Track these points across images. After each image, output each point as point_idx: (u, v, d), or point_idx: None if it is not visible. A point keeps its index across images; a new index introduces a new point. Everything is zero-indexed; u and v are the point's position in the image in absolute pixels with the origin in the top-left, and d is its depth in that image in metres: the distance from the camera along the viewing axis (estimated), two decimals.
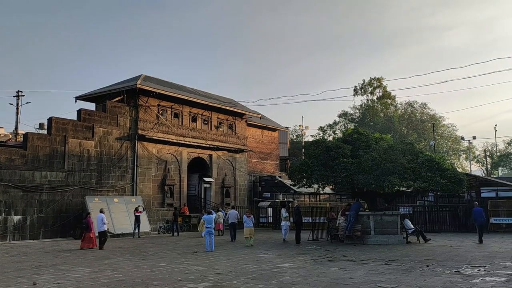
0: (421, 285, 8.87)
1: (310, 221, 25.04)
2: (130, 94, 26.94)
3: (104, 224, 17.64)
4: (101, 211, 18.39)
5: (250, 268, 11.55)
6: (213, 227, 16.83)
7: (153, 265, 12.27)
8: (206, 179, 31.53)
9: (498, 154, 59.44)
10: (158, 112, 28.39)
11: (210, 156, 32.02)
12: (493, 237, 20.08)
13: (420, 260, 12.67)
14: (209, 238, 16.10)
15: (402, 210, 23.76)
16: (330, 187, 25.17)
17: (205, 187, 31.84)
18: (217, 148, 32.08)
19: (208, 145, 31.18)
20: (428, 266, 11.57)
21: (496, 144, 60.14)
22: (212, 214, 17.40)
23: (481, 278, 9.73)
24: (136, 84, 26.35)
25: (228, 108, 32.68)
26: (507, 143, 58.30)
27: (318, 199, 36.23)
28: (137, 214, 23.11)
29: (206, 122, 32.02)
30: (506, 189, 27.59)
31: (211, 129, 32.23)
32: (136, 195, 26.19)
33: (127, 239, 21.84)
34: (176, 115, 29.77)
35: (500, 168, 64.36)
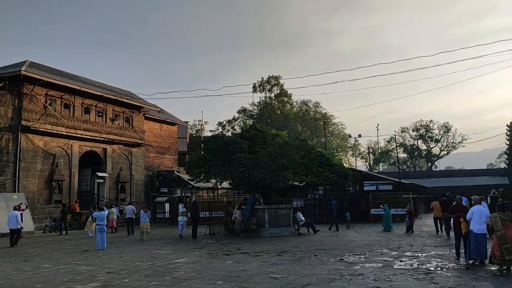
0: (309, 274, 9.46)
1: (208, 215, 25.20)
2: (13, 82, 24.52)
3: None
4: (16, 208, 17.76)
5: (144, 265, 11.30)
6: (105, 224, 16.11)
7: (36, 267, 11.38)
8: (100, 174, 29.99)
9: (379, 151, 65.29)
10: (46, 102, 26.25)
11: (105, 150, 30.50)
12: (372, 227, 22.01)
13: (309, 250, 13.48)
14: (101, 236, 15.39)
15: (295, 203, 24.96)
16: (228, 182, 25.55)
17: (99, 183, 30.26)
18: (112, 142, 30.65)
19: (102, 139, 29.65)
20: (316, 255, 12.36)
21: (378, 142, 66.00)
22: (104, 211, 16.63)
23: (361, 264, 10.66)
24: (20, 71, 24.06)
25: (125, 100, 31.37)
26: (387, 141, 64.26)
27: (216, 194, 36.52)
28: (19, 212, 21.18)
29: (100, 114, 30.39)
30: (385, 183, 30.49)
31: (106, 121, 30.69)
32: (18, 192, 23.98)
33: (7, 240, 19.94)
34: (66, 106, 27.79)
35: (381, 164, 70.84)
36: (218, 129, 60.68)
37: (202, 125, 54.96)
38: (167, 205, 31.72)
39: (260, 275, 9.35)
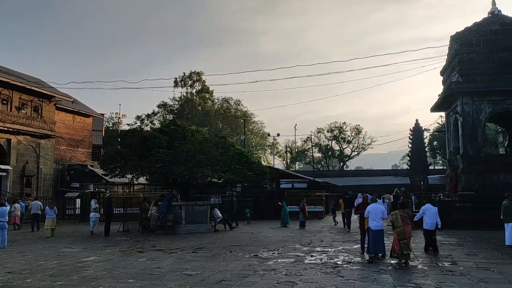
0: (223, 270, 9.57)
1: (122, 212, 24.34)
2: None
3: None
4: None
5: (50, 264, 10.65)
6: (7, 220, 14.91)
7: None
8: (2, 166, 27.65)
9: (296, 150, 67.54)
10: None
11: (9, 140, 28.17)
12: (273, 223, 22.50)
13: (224, 247, 13.61)
14: (1, 233, 14.24)
15: (213, 200, 25.01)
16: (145, 177, 24.90)
17: (1, 176, 27.89)
18: (18, 132, 28.40)
19: (6, 128, 27.35)
20: (231, 251, 12.52)
21: (295, 141, 68.15)
22: (5, 206, 15.39)
23: (275, 260, 11.00)
24: None
25: (33, 88, 29.20)
26: (304, 141, 66.65)
27: (132, 190, 35.39)
28: None
29: (5, 102, 28.02)
30: (300, 181, 31.66)
31: (11, 110, 28.35)
32: None
33: None
34: None
35: (297, 163, 73.34)
36: (136, 123, 58.70)
37: (119, 118, 52.83)
38: (78, 201, 30.12)
39: (174, 272, 9.27)
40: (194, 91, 60.79)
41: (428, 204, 12.44)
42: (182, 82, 59.93)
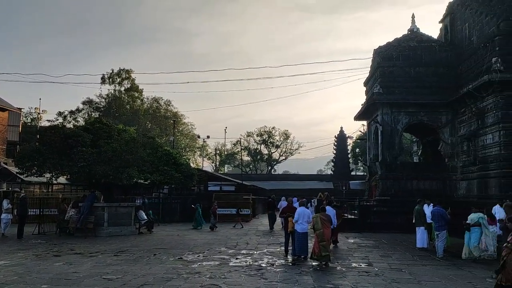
0: (146, 273, 9.35)
1: (38, 213, 22.84)
2: None
3: None
4: None
5: None
6: None
7: None
8: None
9: (226, 153, 67.72)
10: None
11: None
12: (185, 225, 22.39)
13: (148, 250, 13.29)
14: None
15: (138, 201, 24.31)
16: (66, 177, 23.61)
17: None
18: None
19: None
20: (155, 254, 12.26)
21: (225, 144, 68.34)
22: None
23: (199, 263, 10.95)
24: None
25: None
26: (234, 144, 67.02)
27: (51, 190, 33.34)
28: None
29: None
30: (229, 184, 31.79)
31: None
32: None
33: None
34: None
35: (226, 165, 73.51)
36: (58, 120, 55.39)
37: (39, 113, 49.63)
38: None
39: (92, 277, 8.90)
40: (122, 89, 58.75)
41: (328, 207, 13.29)
42: (110, 79, 57.68)
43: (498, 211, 12.92)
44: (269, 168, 69.39)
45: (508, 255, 6.50)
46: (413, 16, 24.63)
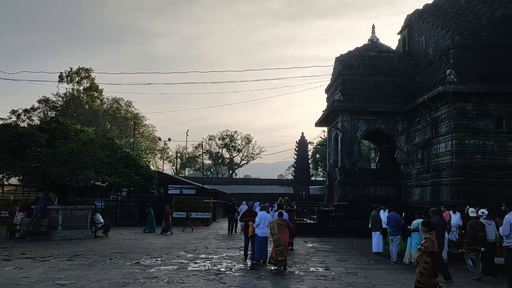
0: (101, 279, 9.10)
1: None
2: None
3: None
4: None
5: None
6: None
7: None
8: None
9: (187, 156, 67.08)
10: None
11: None
12: (136, 229, 22.10)
13: (104, 254, 12.94)
14: None
15: (96, 204, 23.65)
16: (18, 178, 22.66)
17: None
18: None
19: None
20: (111, 259, 11.96)
21: (186, 147, 67.69)
22: None
23: (157, 267, 10.77)
24: None
25: None
26: (195, 147, 66.48)
27: (1, 191, 31.87)
28: None
29: None
30: (189, 187, 31.49)
31: None
32: None
33: None
34: None
35: (187, 169, 72.80)
36: (11, 118, 53.12)
37: None
38: None
39: (44, 282, 8.57)
40: (81, 88, 57.04)
41: (281, 211, 13.55)
42: (69, 78, 55.87)
43: (452, 217, 13.50)
44: (230, 172, 69.30)
45: (420, 257, 6.98)
46: (373, 27, 25.41)
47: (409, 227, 12.43)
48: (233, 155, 66.87)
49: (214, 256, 13.01)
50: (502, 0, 19.69)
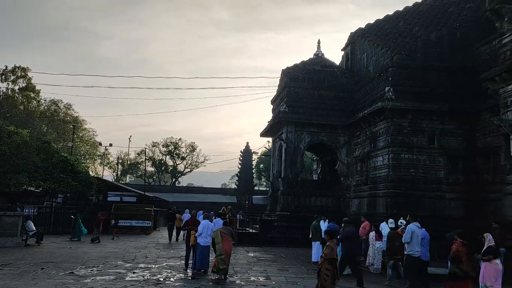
0: None
1: None
2: None
3: None
4: None
5: None
6: None
7: None
8: None
9: (129, 162, 65.22)
10: None
11: None
12: (109, 238, 21.54)
13: (36, 263, 12.26)
14: None
15: (27, 211, 22.34)
16: None
17: None
18: None
19: None
20: (43, 269, 11.35)
21: (128, 153, 65.87)
22: None
23: (93, 277, 10.36)
24: None
25: None
26: (138, 153, 64.83)
27: None
28: None
29: None
30: (130, 195, 30.63)
31: None
32: None
33: None
34: None
35: (128, 175, 70.74)
36: None
37: None
38: None
39: None
40: (16, 87, 53.98)
41: (218, 218, 13.86)
42: (3, 76, 52.71)
43: (384, 228, 14.09)
44: (173, 180, 68.23)
45: (321, 265, 7.44)
46: (319, 42, 26.28)
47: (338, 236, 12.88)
48: (177, 163, 65.89)
49: (154, 266, 12.72)
50: (437, 24, 21.06)
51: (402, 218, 14.57)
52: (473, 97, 17.69)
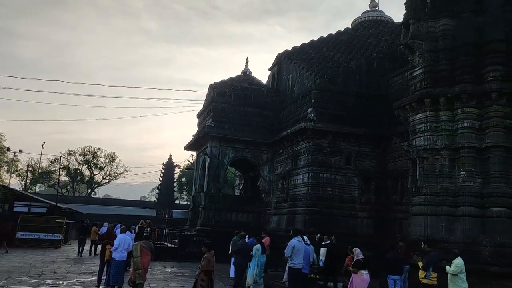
0: None
1: None
2: None
3: None
4: None
5: None
6: None
7: None
8: None
9: (40, 170, 60.93)
10: None
11: None
12: (16, 252, 20.01)
13: None
14: None
15: None
16: None
17: None
18: None
19: None
20: None
21: (40, 161, 61.55)
22: None
23: None
24: None
25: None
26: (51, 161, 60.91)
27: None
28: None
29: None
30: (40, 205, 28.60)
31: None
32: None
33: None
34: None
35: (38, 184, 66.06)
36: None
37: None
38: None
39: None
40: None
41: (128, 232, 13.44)
42: None
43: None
44: (89, 190, 64.90)
45: (198, 275, 7.84)
46: (247, 60, 26.78)
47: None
48: (94, 173, 62.85)
49: (63, 282, 11.97)
50: (357, 53, 22.50)
51: (319, 235, 15.24)
52: (387, 122, 19.05)
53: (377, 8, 28.86)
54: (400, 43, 15.92)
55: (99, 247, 16.00)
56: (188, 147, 27.05)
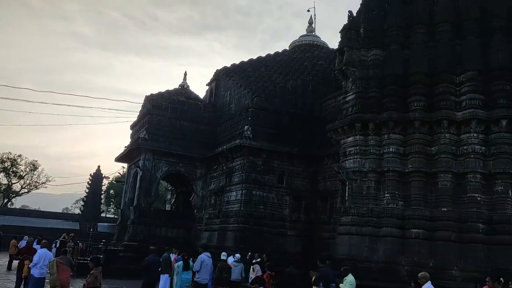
0: None
1: None
2: None
3: None
4: None
5: None
6: None
7: None
8: None
9: None
10: None
11: None
12: None
13: None
14: None
15: None
16: None
17: None
18: None
19: None
20: None
21: None
22: None
23: None
24: None
25: None
26: None
27: None
28: None
29: None
30: None
31: None
32: None
33: None
34: None
35: None
36: None
37: None
38: None
39: None
40: None
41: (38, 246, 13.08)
42: None
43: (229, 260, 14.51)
44: (5, 200, 60.30)
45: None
46: (185, 74, 26.62)
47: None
48: (13, 182, 58.56)
49: None
50: (293, 74, 23.21)
51: (250, 252, 15.29)
52: (319, 143, 19.74)
53: (313, 33, 30.04)
54: (335, 68, 16.65)
55: (16, 262, 14.91)
56: (120, 159, 26.16)
